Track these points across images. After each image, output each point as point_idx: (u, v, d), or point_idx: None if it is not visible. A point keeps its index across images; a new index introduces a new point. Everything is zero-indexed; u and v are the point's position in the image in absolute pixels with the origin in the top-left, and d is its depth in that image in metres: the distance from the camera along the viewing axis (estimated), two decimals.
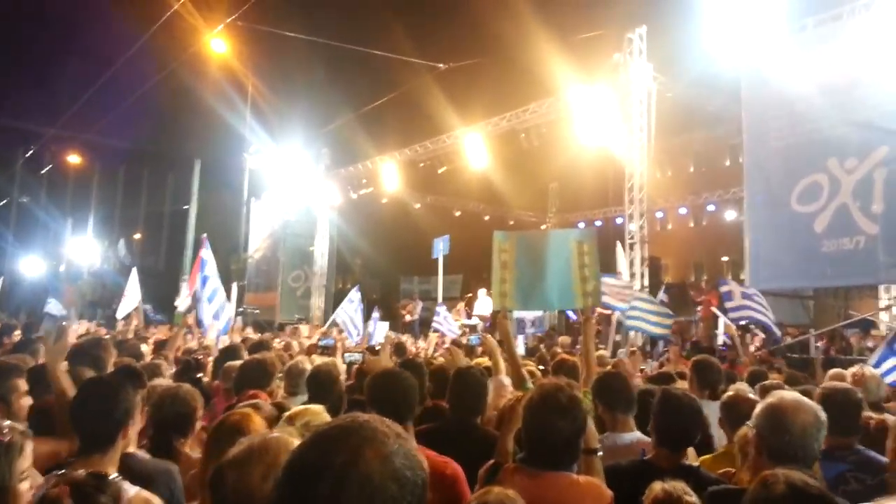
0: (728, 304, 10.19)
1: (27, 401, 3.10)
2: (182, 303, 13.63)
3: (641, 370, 8.52)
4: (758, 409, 2.79)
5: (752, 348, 11.80)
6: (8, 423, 2.01)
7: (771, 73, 12.52)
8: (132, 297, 13.18)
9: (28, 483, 1.94)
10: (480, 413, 3.76)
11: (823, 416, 2.70)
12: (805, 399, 2.76)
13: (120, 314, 13.44)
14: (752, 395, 3.90)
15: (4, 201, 40.56)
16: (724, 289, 10.70)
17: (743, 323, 10.40)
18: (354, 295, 12.42)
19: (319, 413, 3.19)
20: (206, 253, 10.73)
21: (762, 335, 12.32)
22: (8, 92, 37.38)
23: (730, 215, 22.89)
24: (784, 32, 12.57)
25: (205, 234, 11.71)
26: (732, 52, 13.25)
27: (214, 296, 10.14)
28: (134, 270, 13.68)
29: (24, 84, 37.29)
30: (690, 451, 3.53)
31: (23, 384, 3.11)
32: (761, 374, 6.23)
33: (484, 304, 19.34)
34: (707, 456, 3.54)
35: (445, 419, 3.80)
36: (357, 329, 12.12)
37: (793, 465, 2.42)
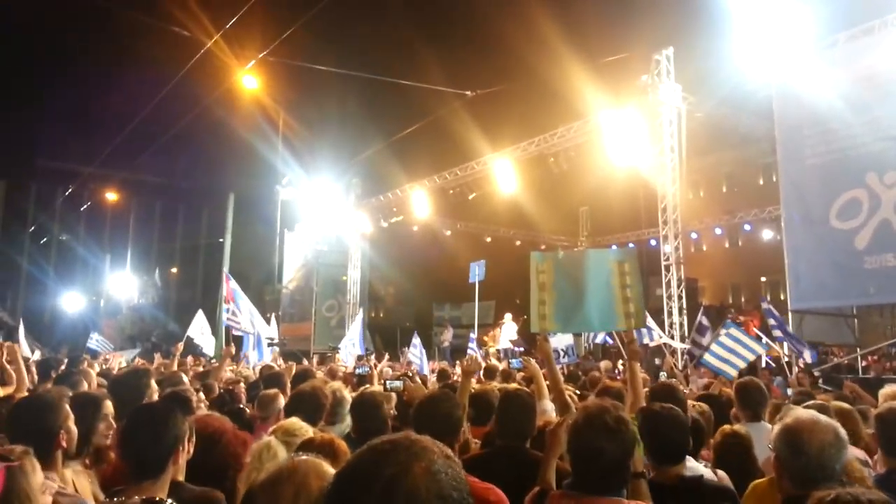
0: (771, 322, 9.98)
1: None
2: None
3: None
4: (774, 430, 2.71)
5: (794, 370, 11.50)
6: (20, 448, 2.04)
7: (803, 90, 12.37)
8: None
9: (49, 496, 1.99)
10: (529, 437, 3.68)
11: (843, 434, 2.61)
12: (822, 417, 2.67)
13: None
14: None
15: (45, 239, 41.69)
16: (766, 305, 10.49)
17: (786, 345, 10.17)
18: (416, 340, 13.00)
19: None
20: (234, 284, 11.20)
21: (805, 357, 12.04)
22: (47, 134, 38.63)
23: (766, 234, 22.50)
24: (814, 49, 12.44)
25: (226, 269, 12.24)
26: (762, 70, 13.15)
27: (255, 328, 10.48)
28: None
29: (62, 125, 38.48)
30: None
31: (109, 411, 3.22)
32: (808, 395, 6.06)
33: (509, 329, 19.24)
34: (763, 479, 3.42)
35: (493, 444, 3.74)
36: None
37: (813, 487, 2.35)
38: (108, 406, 3.31)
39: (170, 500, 1.76)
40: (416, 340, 12.99)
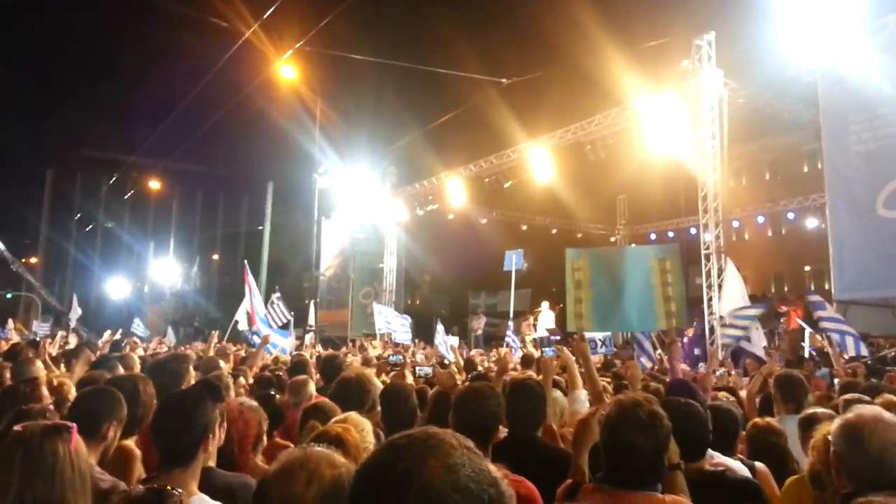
0: (821, 313, 9.72)
1: None
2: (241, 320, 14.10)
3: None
4: (835, 425, 2.62)
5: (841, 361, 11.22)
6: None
7: (849, 74, 12.00)
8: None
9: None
10: (540, 426, 3.63)
11: None
12: (887, 415, 2.54)
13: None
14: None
15: (91, 226, 42.79)
16: (813, 298, 10.24)
17: (836, 337, 9.87)
18: (440, 327, 12.86)
19: (355, 417, 3.16)
20: (252, 279, 11.32)
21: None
22: (92, 124, 39.57)
23: (811, 223, 21.86)
24: (862, 32, 12.03)
25: (245, 261, 12.39)
26: (807, 54, 12.79)
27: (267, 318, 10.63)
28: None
29: (107, 116, 39.38)
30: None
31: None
32: (854, 385, 5.89)
33: (546, 317, 19.13)
34: (797, 476, 3.34)
35: (505, 434, 3.72)
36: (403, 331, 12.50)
37: (873, 488, 2.27)
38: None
39: (179, 490, 1.80)
40: (440, 328, 13.00)
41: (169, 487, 1.85)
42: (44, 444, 1.99)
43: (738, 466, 3.35)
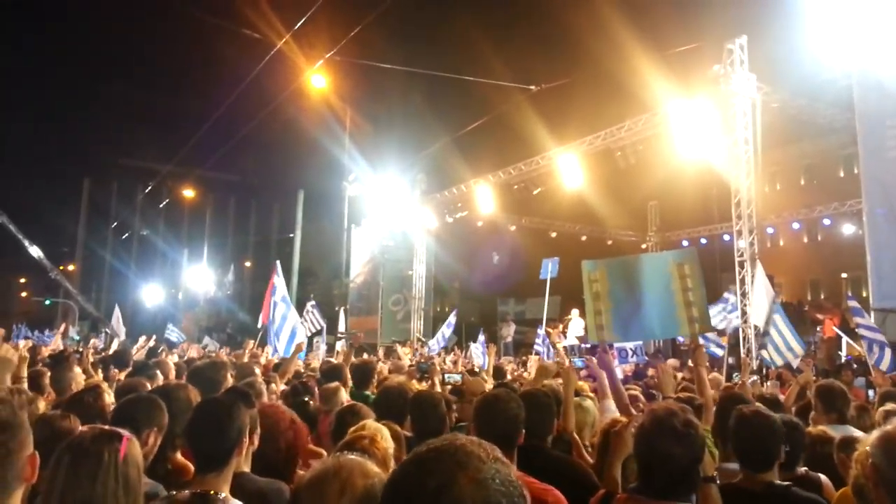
0: (859, 321, 9.51)
1: None
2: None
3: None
4: (873, 436, 2.55)
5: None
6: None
7: (885, 78, 11.75)
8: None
9: None
10: (548, 436, 3.63)
11: None
12: None
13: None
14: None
15: (127, 234, 43.66)
16: (853, 304, 10.01)
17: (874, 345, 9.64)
18: (452, 318, 12.88)
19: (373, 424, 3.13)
20: (278, 280, 11.08)
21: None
22: (128, 134, 40.45)
23: (848, 229, 21.41)
24: None
25: (277, 261, 12.14)
26: (842, 57, 12.56)
27: (284, 321, 10.43)
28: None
29: (143, 126, 40.24)
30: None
31: None
32: (894, 395, 5.75)
33: (577, 324, 18.99)
34: (841, 491, 3.27)
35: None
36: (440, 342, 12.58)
37: None
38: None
39: (223, 495, 1.82)
40: (481, 337, 12.99)
41: (213, 492, 1.88)
42: (90, 451, 2.06)
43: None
